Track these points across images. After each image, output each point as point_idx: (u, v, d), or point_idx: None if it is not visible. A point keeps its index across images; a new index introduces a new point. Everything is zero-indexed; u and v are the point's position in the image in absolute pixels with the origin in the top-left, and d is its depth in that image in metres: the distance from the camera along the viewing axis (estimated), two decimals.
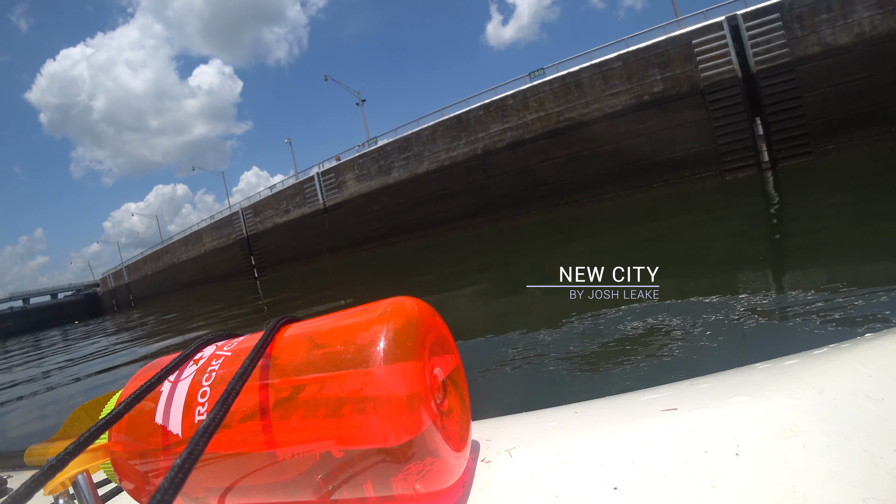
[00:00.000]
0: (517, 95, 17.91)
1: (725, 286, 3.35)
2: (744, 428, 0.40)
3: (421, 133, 20.50)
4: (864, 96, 12.46)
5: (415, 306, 0.42)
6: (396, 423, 0.35)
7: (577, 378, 2.27)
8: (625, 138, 15.62)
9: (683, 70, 14.78)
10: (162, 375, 0.40)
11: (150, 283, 41.38)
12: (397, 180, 21.27)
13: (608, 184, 15.93)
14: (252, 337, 0.46)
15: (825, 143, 13.02)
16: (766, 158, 13.82)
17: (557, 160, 16.92)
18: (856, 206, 5.64)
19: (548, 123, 17.17)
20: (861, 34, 12.49)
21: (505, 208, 18.09)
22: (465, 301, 5.13)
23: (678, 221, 8.11)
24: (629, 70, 15.63)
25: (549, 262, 6.68)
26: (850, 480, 0.33)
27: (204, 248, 33.39)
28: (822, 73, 12.94)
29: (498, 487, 0.42)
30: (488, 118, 18.58)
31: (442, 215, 19.69)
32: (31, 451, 0.47)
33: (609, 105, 15.95)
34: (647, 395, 0.51)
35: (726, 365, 0.56)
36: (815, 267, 3.46)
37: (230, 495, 0.41)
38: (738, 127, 14.04)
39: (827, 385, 0.42)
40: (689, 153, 14.69)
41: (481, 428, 0.53)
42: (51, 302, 56.42)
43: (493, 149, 18.41)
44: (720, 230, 6.37)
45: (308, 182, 25.10)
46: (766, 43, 13.61)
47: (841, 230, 4.46)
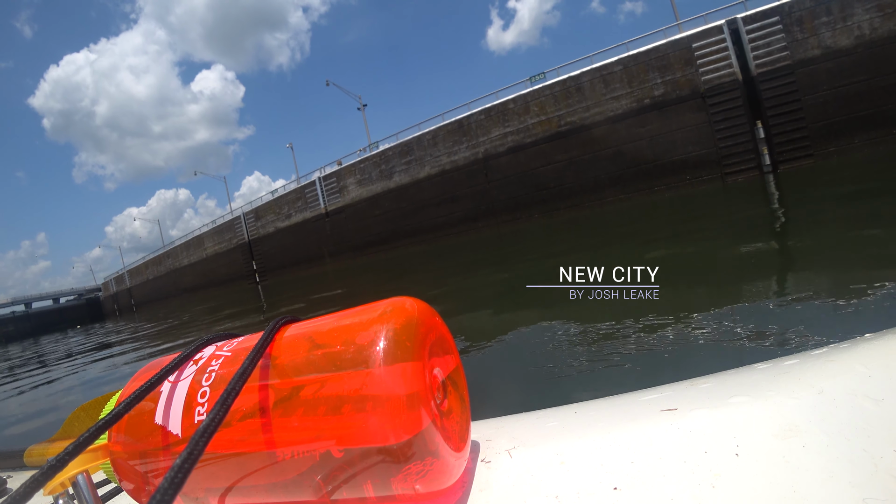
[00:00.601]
0: (518, 99, 17.96)
1: (725, 286, 3.34)
2: (744, 428, 0.40)
3: (422, 137, 20.55)
4: (864, 99, 12.46)
5: (415, 306, 0.42)
6: (396, 424, 0.35)
7: (577, 378, 2.27)
8: (626, 142, 15.64)
9: (684, 73, 14.81)
10: (162, 375, 0.40)
11: (151, 288, 41.42)
12: (398, 184, 21.31)
13: (609, 187, 15.94)
14: (252, 337, 0.46)
15: (826, 145, 13.01)
16: (767, 161, 13.82)
17: (558, 164, 16.94)
18: (856, 209, 5.63)
19: (549, 127, 17.20)
20: (861, 37, 12.51)
21: (506, 212, 18.10)
22: (465, 301, 5.12)
23: (679, 224, 8.10)
24: (630, 74, 15.66)
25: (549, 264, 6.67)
26: (850, 480, 0.33)
27: (205, 252, 33.44)
28: (823, 76, 12.95)
29: (498, 487, 0.42)
30: (489, 122, 18.62)
31: (443, 219, 19.71)
32: (30, 451, 0.47)
33: (610, 109, 15.97)
34: (647, 395, 0.51)
35: (726, 365, 0.56)
36: (815, 268, 3.45)
37: (230, 495, 0.41)
38: (739, 130, 14.04)
39: (827, 385, 0.42)
40: (689, 156, 14.70)
41: (481, 428, 0.53)
42: (53, 306, 56.52)
43: (494, 153, 18.44)
44: (720, 232, 6.37)
45: (310, 186, 25.17)
46: (766, 46, 13.64)
47: (841, 232, 4.45)
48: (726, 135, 14.20)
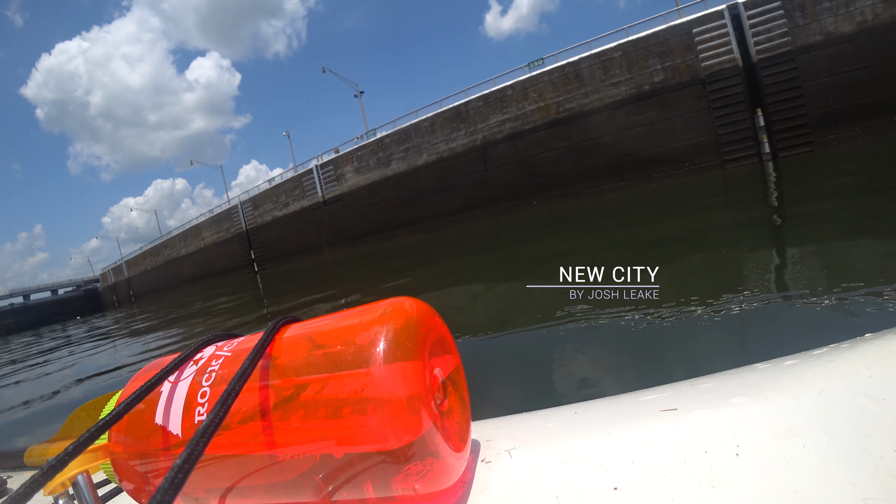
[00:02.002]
0: (516, 86, 17.80)
1: (725, 286, 3.34)
2: (744, 428, 0.40)
3: (420, 125, 20.40)
4: (865, 86, 12.37)
5: (414, 307, 0.42)
6: (396, 424, 0.35)
7: (577, 378, 2.27)
8: (625, 129, 15.55)
9: (684, 59, 14.67)
10: (162, 376, 0.40)
11: (149, 279, 41.40)
12: (396, 172, 21.21)
13: (608, 175, 15.89)
14: (252, 337, 0.46)
15: (826, 133, 12.96)
16: (766, 150, 13.77)
17: (557, 151, 16.86)
18: (857, 202, 5.61)
19: (547, 114, 17.08)
20: (863, 23, 12.38)
21: (504, 200, 18.06)
22: (465, 301, 5.13)
23: (678, 216, 8.09)
24: (629, 60, 15.51)
25: (550, 261, 6.69)
26: (850, 480, 0.33)
27: (203, 242, 33.35)
28: (824, 63, 12.85)
29: (498, 488, 0.42)
30: (487, 109, 18.47)
31: (441, 208, 19.66)
32: (31, 452, 0.47)
33: (609, 95, 15.85)
34: (647, 395, 0.51)
35: (726, 365, 0.56)
36: (816, 266, 3.44)
37: (230, 496, 0.41)
38: (739, 117, 13.97)
39: (827, 385, 0.42)
40: (689, 144, 14.64)
41: (481, 428, 0.53)
42: (51, 298, 56.47)
43: (492, 140, 18.33)
44: (720, 225, 6.36)
45: (307, 175, 25.02)
46: (767, 31, 13.50)
47: (841, 227, 4.45)
48: (726, 122, 14.12)
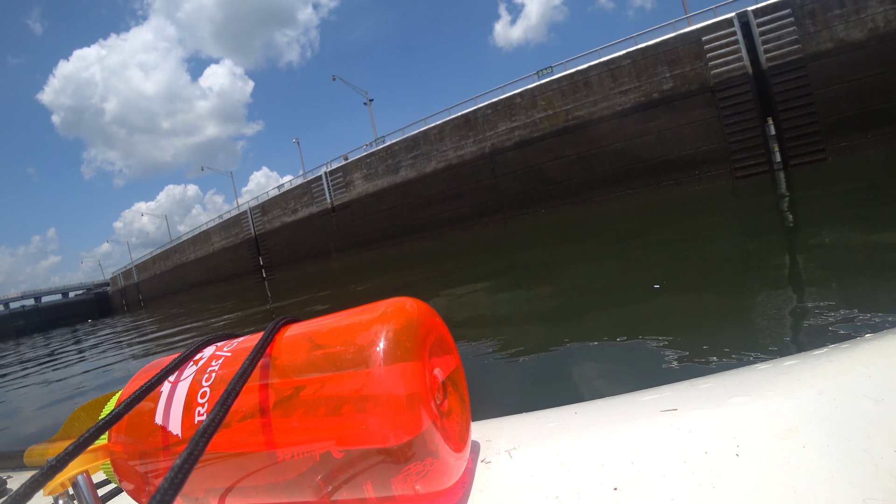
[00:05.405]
0: (525, 94, 17.86)
1: (726, 286, 3.32)
2: (744, 428, 0.39)
3: (428, 132, 20.51)
4: (877, 94, 12.24)
5: (415, 307, 0.42)
6: (396, 424, 0.35)
7: (577, 378, 2.26)
8: (633, 137, 15.51)
9: (693, 67, 14.64)
10: (162, 376, 0.40)
11: (159, 283, 41.83)
12: (405, 179, 21.31)
13: (617, 183, 15.84)
14: (252, 337, 0.46)
15: (838, 141, 12.82)
16: (777, 158, 13.64)
17: (565, 159, 16.85)
18: (863, 209, 5.56)
19: (556, 122, 17.10)
20: (875, 29, 12.28)
21: (513, 208, 18.06)
22: (466, 301, 5.13)
23: (685, 223, 8.03)
24: (638, 68, 15.51)
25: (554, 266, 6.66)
26: (850, 480, 0.33)
27: (212, 247, 33.68)
28: (835, 70, 12.75)
29: (498, 488, 0.42)
30: (496, 117, 18.54)
31: (449, 215, 19.70)
32: (30, 452, 0.47)
33: (618, 103, 15.84)
34: (647, 395, 0.51)
35: (726, 365, 0.56)
36: (817, 267, 3.42)
37: (230, 496, 0.41)
38: (749, 125, 13.87)
39: (827, 385, 0.42)
40: (698, 152, 14.56)
41: (481, 428, 0.53)
42: (62, 301, 57.24)
43: (500, 147, 18.37)
44: (724, 231, 6.32)
45: (316, 181, 25.23)
46: (777, 39, 13.44)
47: (845, 232, 4.41)
48: (736, 130, 14.03)
